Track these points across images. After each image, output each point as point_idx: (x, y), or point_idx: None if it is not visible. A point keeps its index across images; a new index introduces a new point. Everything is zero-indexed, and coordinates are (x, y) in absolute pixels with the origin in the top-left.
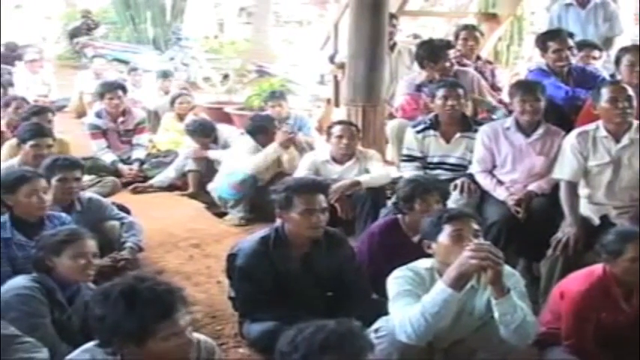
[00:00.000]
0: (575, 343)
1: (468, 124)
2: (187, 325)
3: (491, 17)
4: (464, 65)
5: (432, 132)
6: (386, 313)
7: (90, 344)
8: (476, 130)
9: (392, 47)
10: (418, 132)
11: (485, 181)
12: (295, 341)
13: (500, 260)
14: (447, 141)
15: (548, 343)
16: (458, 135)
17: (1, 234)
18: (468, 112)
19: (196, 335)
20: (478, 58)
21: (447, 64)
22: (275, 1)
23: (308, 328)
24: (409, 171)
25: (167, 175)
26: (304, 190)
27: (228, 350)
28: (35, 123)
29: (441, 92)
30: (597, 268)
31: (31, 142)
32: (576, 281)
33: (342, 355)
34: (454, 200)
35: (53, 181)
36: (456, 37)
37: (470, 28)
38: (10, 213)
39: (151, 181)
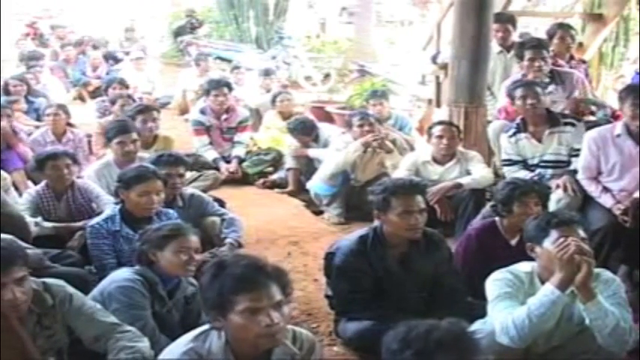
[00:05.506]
0: None
1: (555, 120)
2: (273, 306)
3: (597, 18)
4: (558, 65)
5: (522, 135)
6: (481, 316)
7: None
8: (565, 124)
9: (509, 48)
10: (510, 136)
11: (590, 188)
12: (407, 338)
13: (592, 260)
14: (539, 140)
15: None
16: (547, 132)
17: (110, 226)
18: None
19: (295, 328)
20: (571, 57)
21: (538, 63)
22: (376, 1)
23: (419, 326)
24: (513, 174)
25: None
26: (402, 191)
27: (323, 348)
28: (118, 120)
29: (518, 92)
30: None
31: (116, 140)
32: None
33: (456, 355)
34: (556, 201)
35: None
36: (551, 36)
37: (565, 27)
38: (121, 206)
39: (273, 177)
